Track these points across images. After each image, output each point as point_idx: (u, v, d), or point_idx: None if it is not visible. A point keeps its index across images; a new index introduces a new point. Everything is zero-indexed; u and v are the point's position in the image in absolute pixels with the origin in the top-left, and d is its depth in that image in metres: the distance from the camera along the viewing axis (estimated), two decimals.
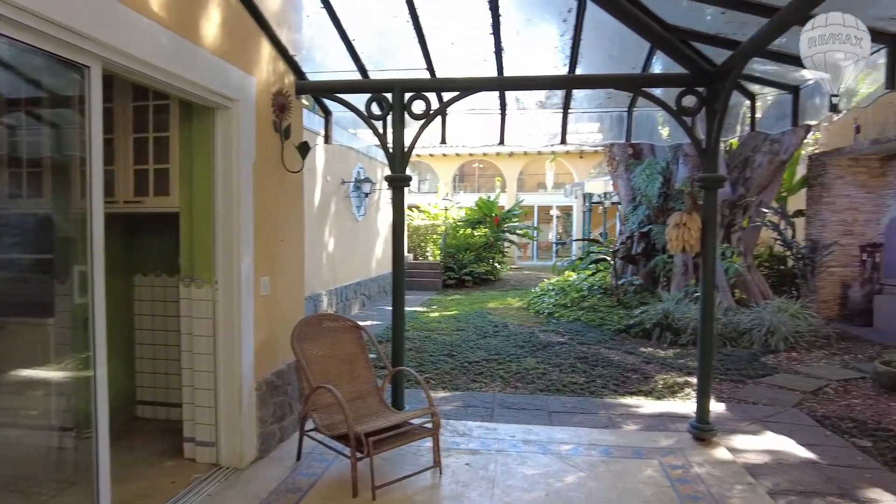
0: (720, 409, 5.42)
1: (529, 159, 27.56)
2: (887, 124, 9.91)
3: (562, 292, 11.47)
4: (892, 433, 4.83)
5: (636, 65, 4.45)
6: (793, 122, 4.32)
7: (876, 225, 10.32)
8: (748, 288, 9.90)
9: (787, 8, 2.99)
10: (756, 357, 7.48)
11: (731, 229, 10.22)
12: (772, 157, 9.94)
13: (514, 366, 6.90)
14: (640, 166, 11.06)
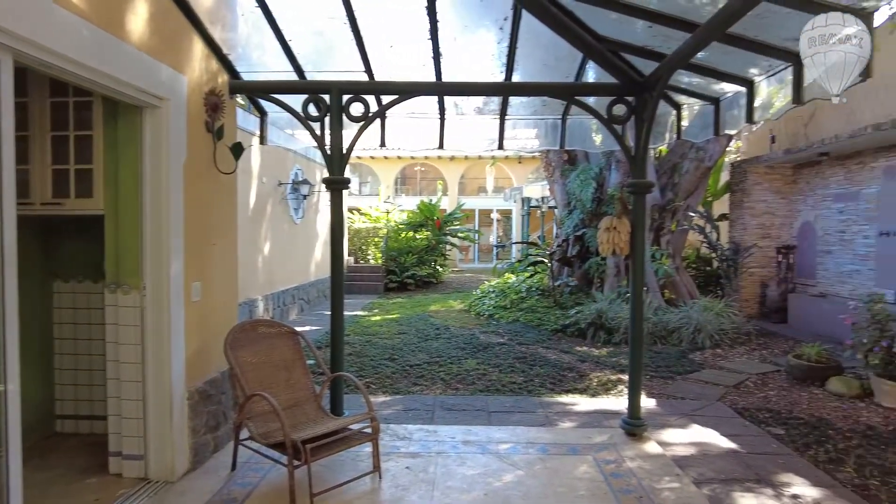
0: (651, 405, 5.66)
1: (470, 163, 27.88)
2: (798, 136, 10.68)
3: (502, 294, 11.67)
4: (802, 421, 5.20)
5: (570, 74, 4.60)
6: (714, 132, 4.59)
7: (790, 228, 11.08)
8: (677, 288, 10.40)
9: (706, 25, 3.18)
10: (684, 354, 7.87)
11: (660, 232, 10.71)
12: (698, 163, 10.50)
13: (455, 368, 6.96)
14: (574, 172, 11.41)
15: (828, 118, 9.99)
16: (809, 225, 10.51)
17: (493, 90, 4.72)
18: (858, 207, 9.25)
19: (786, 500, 3.66)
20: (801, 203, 10.79)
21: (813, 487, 3.86)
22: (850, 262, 9.46)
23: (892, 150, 8.49)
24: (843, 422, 5.21)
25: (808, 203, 10.56)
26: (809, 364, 6.53)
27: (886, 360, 5.70)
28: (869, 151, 8.93)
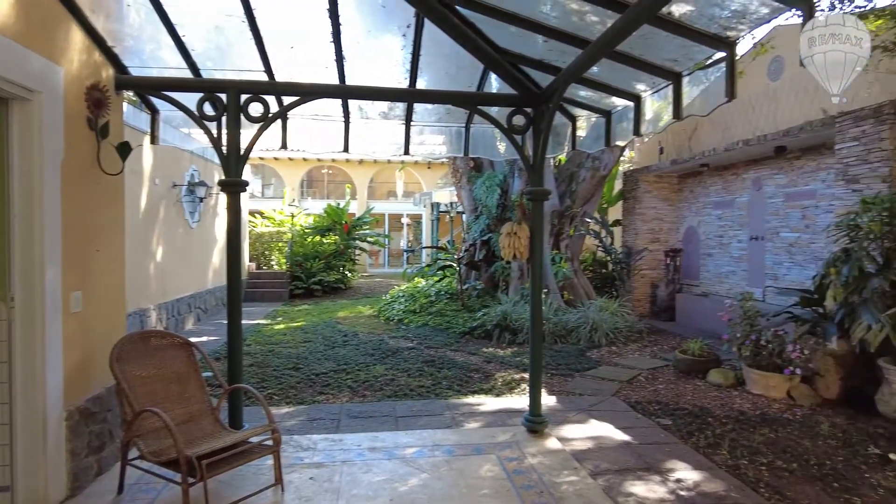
0: (552, 402, 5.91)
1: (380, 167, 27.75)
2: (683, 148, 11.61)
3: (411, 298, 11.70)
4: (686, 411, 5.64)
5: (472, 83, 4.73)
6: (606, 143, 4.89)
7: (676, 233, 12.02)
8: (575, 290, 10.94)
9: (596, 42, 3.40)
10: (583, 352, 8.28)
11: (560, 237, 11.22)
12: (594, 172, 11.12)
13: (362, 374, 6.89)
14: (480, 179, 11.71)
15: (707, 133, 10.95)
16: (693, 230, 11.45)
17: (397, 96, 4.74)
18: (733, 214, 10.21)
19: (671, 485, 3.95)
20: (686, 210, 11.73)
21: (694, 471, 4.20)
22: (727, 264, 10.42)
23: (759, 162, 9.45)
24: (721, 409, 5.71)
25: (692, 210, 11.50)
26: (693, 358, 7.11)
27: (755, 351, 6.33)
28: (741, 164, 9.89)
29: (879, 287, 5.34)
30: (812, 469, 4.29)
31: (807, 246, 8.38)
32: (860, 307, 5.41)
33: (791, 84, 8.81)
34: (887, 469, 4.35)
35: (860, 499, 3.86)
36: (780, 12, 2.82)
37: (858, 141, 6.50)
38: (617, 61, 3.79)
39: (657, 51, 3.61)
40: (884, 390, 5.49)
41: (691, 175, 11.42)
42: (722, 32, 3.15)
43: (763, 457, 4.50)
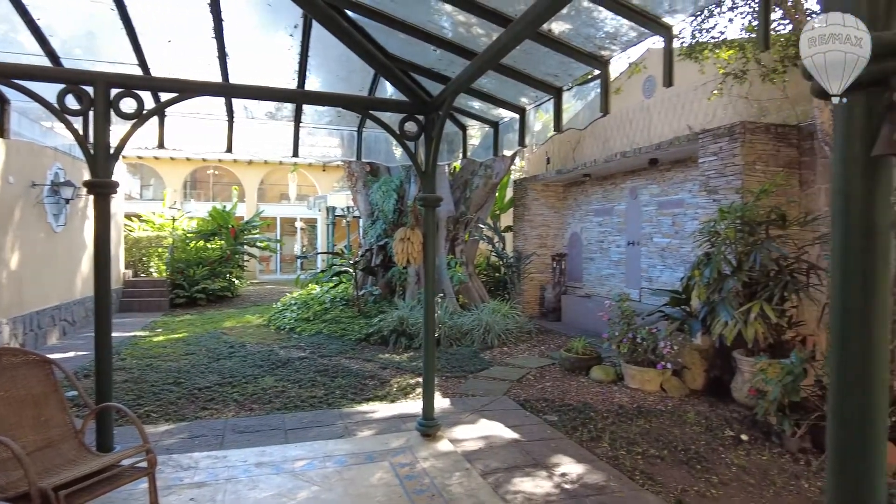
0: (445, 405, 5.99)
1: (271, 168, 26.69)
2: (567, 158, 12.29)
3: (305, 306, 11.37)
4: (571, 407, 5.96)
5: (364, 87, 4.70)
6: (494, 153, 5.05)
7: (562, 238, 12.69)
8: (470, 293, 11.20)
9: (482, 55, 3.51)
10: (477, 353, 8.48)
11: (455, 242, 11.44)
12: (486, 180, 11.46)
13: (250, 387, 6.57)
14: (377, 183, 11.66)
15: (589, 145, 11.68)
16: (577, 235, 12.15)
17: (284, 97, 4.59)
18: (613, 221, 10.96)
19: (556, 479, 4.15)
20: (570, 217, 12.42)
21: (577, 464, 4.44)
22: (607, 267, 11.15)
23: (635, 173, 10.23)
24: (602, 404, 6.09)
25: (576, 217, 12.20)
26: (577, 356, 7.52)
27: (632, 348, 6.82)
28: (619, 174, 10.65)
29: (734, 287, 5.97)
30: (680, 454, 4.70)
31: (676, 250, 9.19)
32: (718, 305, 6.01)
33: (663, 102, 9.64)
34: (739, 448, 4.87)
35: (717, 477, 4.28)
36: (646, 36, 3.08)
37: (717, 156, 7.23)
38: (503, 74, 3.94)
39: (539, 66, 3.80)
40: (737, 379, 6.14)
41: (575, 184, 12.11)
42: (597, 52, 3.38)
43: (639, 446, 4.85)
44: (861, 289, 1.31)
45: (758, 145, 6.94)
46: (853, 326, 1.33)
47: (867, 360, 1.31)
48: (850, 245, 1.33)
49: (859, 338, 1.32)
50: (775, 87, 7.42)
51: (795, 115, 7.34)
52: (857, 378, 1.32)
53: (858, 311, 1.32)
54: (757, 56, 7.07)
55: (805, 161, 7.06)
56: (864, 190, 1.31)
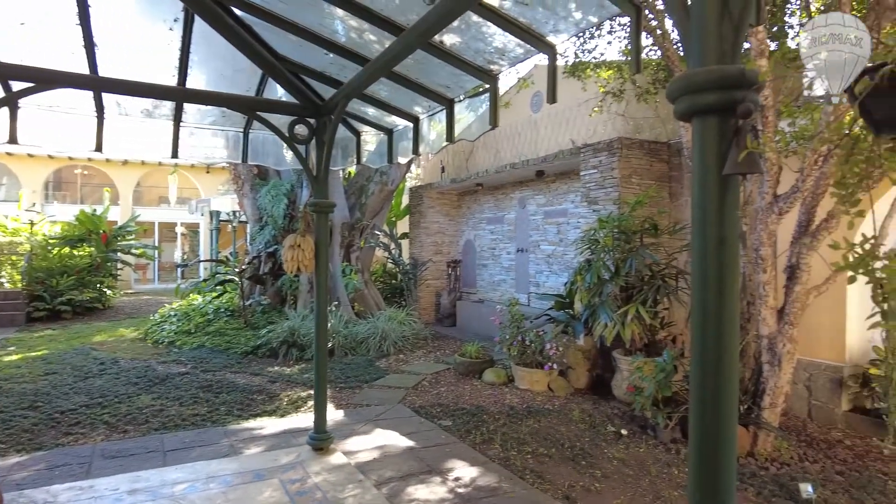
0: (339, 416, 5.85)
1: (149, 169, 24.76)
2: (461, 168, 12.57)
3: (186, 317, 10.62)
4: (465, 410, 6.06)
5: (251, 87, 4.49)
6: (388, 160, 5.04)
7: (457, 245, 12.93)
8: (366, 301, 11.07)
9: (374, 61, 3.49)
10: (372, 362, 8.39)
11: (350, 249, 11.28)
12: (382, 186, 11.42)
13: (123, 407, 6.01)
14: (266, 187, 11.20)
15: (482, 156, 12.03)
16: (471, 243, 12.45)
17: (163, 94, 4.27)
18: (503, 229, 11.35)
19: (450, 484, 4.19)
20: (464, 224, 12.71)
21: (471, 467, 4.52)
22: (498, 273, 11.53)
23: (524, 184, 10.67)
24: (494, 406, 6.25)
25: (470, 224, 12.50)
26: (470, 360, 7.68)
27: (521, 350, 7.09)
28: (509, 185, 11.06)
29: (612, 291, 6.40)
30: (567, 451, 4.93)
31: (561, 257, 9.69)
32: (599, 308, 6.41)
33: (549, 117, 10.16)
34: (619, 443, 5.21)
35: (601, 471, 4.54)
36: (532, 53, 3.22)
37: (597, 169, 7.74)
38: (396, 82, 3.94)
39: (432, 76, 3.85)
40: (617, 377, 6.58)
41: (469, 193, 12.41)
42: (486, 66, 3.48)
43: (529, 446, 5.03)
44: (716, 292, 1.45)
45: (633, 160, 7.52)
46: (710, 325, 1.46)
47: (720, 354, 1.45)
48: (707, 253, 1.47)
49: (714, 335, 1.46)
50: (648, 107, 8.09)
51: (666, 132, 8.05)
52: (713, 370, 1.46)
53: (714, 312, 1.46)
54: (632, 77, 7.67)
55: (674, 175, 7.75)
56: (717, 205, 1.45)
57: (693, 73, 1.46)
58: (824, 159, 4.35)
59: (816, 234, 4.46)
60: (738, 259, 1.45)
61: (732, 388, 1.45)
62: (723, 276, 1.45)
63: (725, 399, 1.44)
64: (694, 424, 1.50)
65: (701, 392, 1.48)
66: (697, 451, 1.49)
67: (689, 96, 1.49)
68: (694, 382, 1.50)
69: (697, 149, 1.49)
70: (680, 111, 1.53)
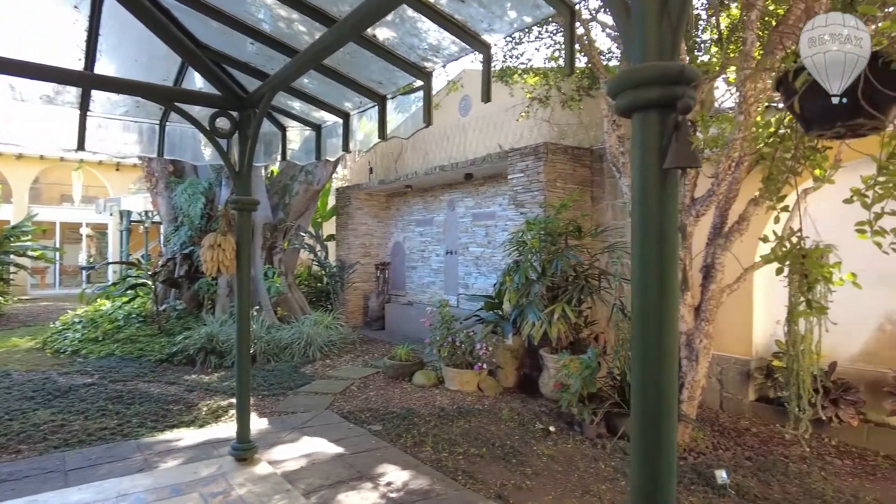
0: (263, 425, 5.60)
1: (49, 165, 22.75)
2: (390, 169, 12.47)
3: (92, 324, 9.83)
4: (395, 414, 5.97)
5: (168, 76, 4.21)
6: (316, 157, 4.88)
7: (385, 247, 12.79)
8: (290, 305, 10.71)
9: (303, 53, 3.36)
10: (297, 368, 8.11)
11: (273, 251, 10.88)
12: (307, 186, 11.11)
13: (15, 425, 5.45)
14: (182, 185, 10.60)
15: (411, 158, 12.00)
16: (400, 245, 12.35)
17: (67, 79, 3.90)
18: (433, 231, 11.35)
19: (382, 489, 4.09)
20: (393, 226, 12.60)
21: (402, 471, 4.44)
22: (428, 275, 11.51)
23: (453, 186, 10.72)
24: (425, 408, 6.20)
25: (399, 226, 12.41)
26: (400, 363, 7.59)
27: (452, 352, 7.09)
28: (439, 187, 11.08)
29: (539, 291, 6.53)
30: (497, 451, 4.96)
31: (489, 259, 9.80)
32: (527, 308, 6.52)
33: (477, 121, 10.27)
34: (548, 440, 5.31)
35: (531, 468, 4.60)
36: (466, 52, 3.21)
37: (524, 173, 7.89)
38: (326, 76, 3.81)
39: (364, 71, 3.75)
40: (544, 375, 6.72)
41: (398, 194, 12.32)
42: (420, 62, 3.44)
43: (460, 447, 5.02)
44: (657, 286, 1.47)
45: (558, 164, 7.72)
46: (651, 319, 1.48)
47: (661, 347, 1.48)
48: (647, 247, 1.49)
49: (656, 329, 1.48)
50: (572, 114, 8.35)
51: (588, 139, 8.34)
52: (654, 363, 1.48)
53: (655, 304, 1.48)
54: (558, 84, 7.88)
55: (596, 180, 8.04)
56: (657, 198, 1.48)
57: (635, 68, 1.48)
58: (736, 165, 4.64)
59: (729, 236, 4.75)
60: (677, 252, 1.48)
61: (672, 380, 1.48)
62: (664, 269, 1.47)
63: (666, 391, 1.47)
64: (636, 417, 1.52)
65: (642, 385, 1.50)
66: (640, 444, 1.51)
67: (631, 91, 1.50)
68: (636, 376, 1.52)
69: (638, 143, 1.51)
70: (621, 106, 1.55)
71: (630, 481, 1.52)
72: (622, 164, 5.56)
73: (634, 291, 1.53)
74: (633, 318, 1.53)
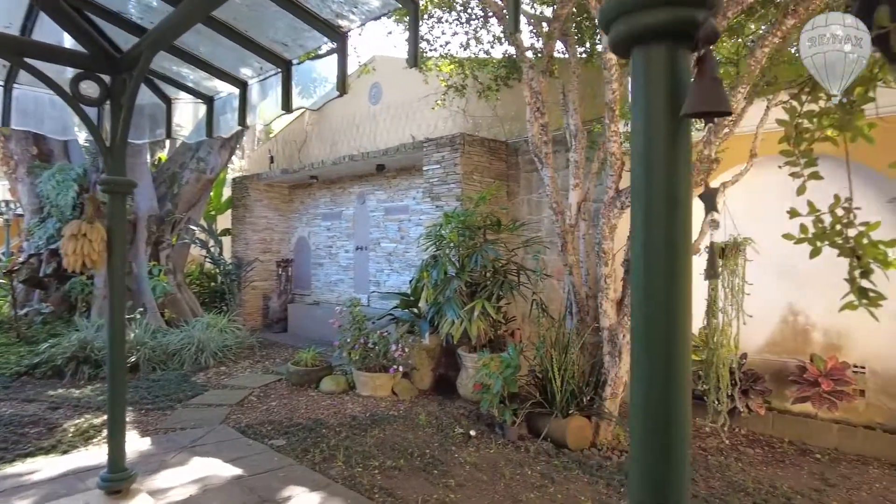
0: (145, 446, 4.81)
1: None
2: (293, 159, 11.67)
3: None
4: (301, 426, 5.38)
5: (12, 23, 3.39)
6: (207, 133, 4.21)
7: (288, 243, 11.96)
8: (179, 306, 9.66)
9: (186, 3, 2.75)
10: (187, 377, 7.24)
11: (159, 246, 9.75)
12: (199, 174, 10.07)
13: None
14: (49, 171, 9.21)
15: (316, 146, 11.28)
16: (304, 240, 11.58)
17: None
18: (341, 226, 10.72)
19: None
20: (297, 220, 11.79)
21: (311, 493, 3.92)
22: (336, 273, 10.86)
23: (363, 178, 10.15)
24: (334, 418, 5.66)
25: (303, 220, 11.63)
26: (306, 369, 6.97)
27: (364, 354, 6.59)
28: (348, 178, 10.46)
29: (458, 287, 6.20)
30: (416, 461, 4.55)
31: (402, 255, 9.37)
32: (445, 305, 6.17)
33: (388, 110, 9.79)
34: (469, 445, 4.98)
35: (454, 479, 4.23)
36: (389, 7, 2.77)
37: (440, 164, 7.53)
38: (220, 33, 3.21)
39: (267, 29, 3.20)
40: (462, 375, 6.40)
41: (302, 186, 11.54)
42: (334, 20, 2.94)
43: (375, 459, 4.55)
44: (666, 266, 1.13)
45: (475, 157, 7.45)
46: (657, 308, 1.14)
47: (670, 340, 1.14)
48: (653, 218, 1.14)
49: (664, 319, 1.14)
50: (487, 106, 8.12)
51: (504, 132, 8.14)
52: (662, 359, 1.15)
53: (663, 289, 1.14)
54: (475, 73, 7.60)
55: (512, 174, 7.85)
56: (666, 157, 1.14)
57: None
58: None
59: None
60: (691, 227, 1.15)
61: (685, 380, 1.14)
62: (675, 246, 1.13)
63: (677, 393, 1.13)
64: (639, 424, 1.17)
65: (647, 384, 1.15)
66: (644, 452, 1.16)
67: (628, 17, 1.15)
68: (640, 383, 1.17)
69: (640, 87, 1.16)
70: (616, 39, 1.19)
71: (630, 486, 1.17)
72: (545, 154, 5.34)
73: (635, 279, 1.18)
74: (636, 307, 1.18)
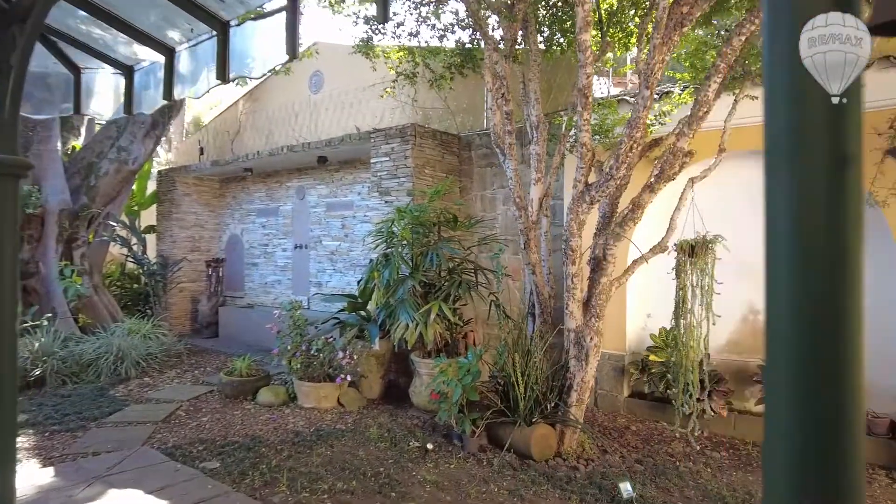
0: (47, 478, 4.09)
1: None
2: (224, 150, 10.84)
3: None
4: (237, 445, 4.79)
5: None
6: (125, 110, 3.59)
7: (219, 241, 11.10)
8: (96, 310, 8.69)
9: None
10: (104, 391, 6.43)
11: (73, 244, 8.73)
12: (119, 165, 9.11)
13: None
14: None
15: (251, 137, 10.51)
16: (237, 238, 10.77)
17: None
18: (278, 223, 10.01)
19: None
20: (229, 216, 10.96)
21: None
22: (272, 273, 10.14)
23: (303, 172, 9.51)
24: (275, 434, 5.10)
25: (236, 217, 10.81)
26: (241, 379, 6.33)
27: (306, 362, 6.02)
28: (286, 172, 9.77)
29: (412, 287, 5.76)
30: (371, 482, 4.08)
31: (346, 254, 8.82)
32: (398, 307, 5.71)
33: (331, 99, 9.21)
34: (427, 460, 4.55)
35: (414, 501, 3.80)
36: None
37: (389, 157, 7.06)
38: None
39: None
40: (416, 382, 5.96)
41: (235, 180, 10.73)
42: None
43: (324, 482, 4.05)
44: (830, 253, 0.77)
45: (427, 150, 7.03)
46: (815, 310, 0.77)
47: (836, 357, 0.76)
48: (810, 183, 0.77)
49: (830, 327, 0.77)
50: (438, 97, 7.71)
51: (455, 125, 7.77)
52: (832, 382, 0.77)
53: (828, 283, 0.77)
54: (426, 62, 7.18)
55: (464, 169, 7.49)
56: (828, 117, 0.76)
57: None
58: (630, 149, 4.29)
59: (624, 224, 4.40)
60: (863, 197, 0.79)
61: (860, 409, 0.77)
62: (842, 225, 0.76)
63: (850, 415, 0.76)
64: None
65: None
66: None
67: None
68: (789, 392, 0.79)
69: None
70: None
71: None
72: (508, 144, 5.00)
73: (770, 273, 0.80)
74: (767, 317, 0.80)
